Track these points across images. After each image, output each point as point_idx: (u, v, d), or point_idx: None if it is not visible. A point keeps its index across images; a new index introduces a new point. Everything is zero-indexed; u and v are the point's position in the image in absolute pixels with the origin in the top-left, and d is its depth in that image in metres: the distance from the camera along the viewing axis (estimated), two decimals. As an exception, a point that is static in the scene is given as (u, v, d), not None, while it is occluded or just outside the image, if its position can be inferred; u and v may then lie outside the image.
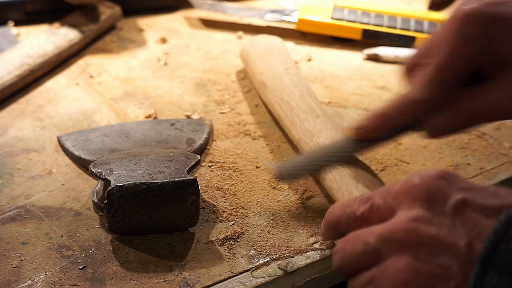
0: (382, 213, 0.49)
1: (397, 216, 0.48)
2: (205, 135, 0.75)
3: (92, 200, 0.65)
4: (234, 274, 0.59)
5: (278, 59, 0.82)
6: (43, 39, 0.87)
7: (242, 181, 0.70)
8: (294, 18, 0.98)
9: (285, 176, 0.64)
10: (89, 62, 0.90)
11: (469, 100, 0.56)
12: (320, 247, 0.62)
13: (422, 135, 0.59)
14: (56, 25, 0.91)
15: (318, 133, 0.68)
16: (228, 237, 0.63)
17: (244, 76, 0.88)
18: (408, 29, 0.95)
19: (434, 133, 0.58)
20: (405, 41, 0.94)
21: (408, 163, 0.74)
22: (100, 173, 0.63)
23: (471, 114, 0.56)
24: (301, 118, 0.71)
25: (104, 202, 0.60)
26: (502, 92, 0.55)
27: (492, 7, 0.54)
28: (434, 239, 0.45)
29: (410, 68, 0.59)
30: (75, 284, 0.58)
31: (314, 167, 0.63)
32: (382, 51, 0.93)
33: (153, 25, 1.00)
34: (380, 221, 0.49)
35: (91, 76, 0.87)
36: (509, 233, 0.43)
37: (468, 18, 0.54)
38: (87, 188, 0.68)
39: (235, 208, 0.66)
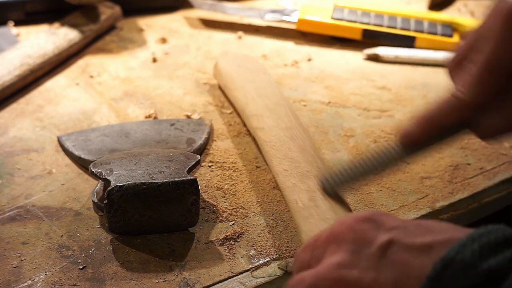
0: (312, 265, 0.48)
1: (322, 262, 0.46)
2: (205, 135, 0.75)
3: (92, 200, 0.65)
4: (234, 274, 0.59)
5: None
6: (43, 39, 0.87)
7: (242, 181, 0.70)
8: (294, 18, 0.98)
9: (332, 189, 0.60)
10: (89, 62, 0.90)
11: None
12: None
13: (476, 137, 0.55)
14: (56, 25, 0.91)
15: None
16: (228, 237, 0.63)
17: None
18: (408, 29, 0.95)
19: (487, 135, 0.54)
20: (405, 41, 0.94)
21: (408, 163, 0.74)
22: (100, 173, 0.63)
23: None
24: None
25: (104, 202, 0.60)
26: None
27: None
28: (357, 283, 0.43)
29: (454, 66, 0.55)
30: (75, 284, 0.58)
31: (361, 176, 0.59)
32: (382, 51, 0.93)
33: (153, 25, 1.00)
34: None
35: (91, 76, 0.87)
36: (444, 280, 0.39)
37: (510, 15, 0.50)
38: (87, 188, 0.68)
39: (235, 208, 0.66)
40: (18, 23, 0.96)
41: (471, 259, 0.39)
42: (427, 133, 0.55)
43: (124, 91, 0.84)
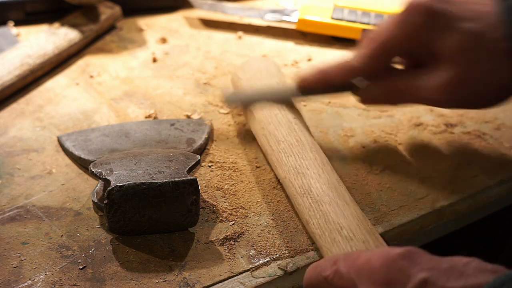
0: (344, 282, 0.50)
1: None
2: (205, 135, 0.75)
3: (92, 200, 0.65)
4: (234, 274, 0.59)
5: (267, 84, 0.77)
6: (43, 39, 0.87)
7: (242, 181, 0.70)
8: (294, 18, 0.98)
9: (230, 101, 0.74)
10: (89, 62, 0.90)
11: (400, 78, 0.65)
12: (320, 247, 0.62)
13: (357, 100, 0.69)
14: (56, 25, 0.91)
15: (304, 170, 0.64)
16: (228, 237, 0.63)
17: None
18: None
19: (366, 99, 0.68)
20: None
21: (408, 163, 0.74)
22: (100, 173, 0.63)
23: (398, 91, 0.65)
24: (288, 154, 0.67)
25: (104, 202, 0.60)
26: (427, 80, 0.63)
27: (440, 3, 0.61)
28: None
29: (363, 41, 0.66)
30: (75, 284, 0.58)
31: (257, 100, 0.72)
32: (382, 51, 0.93)
33: (153, 25, 1.00)
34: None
35: (91, 76, 0.87)
36: None
37: (414, 9, 0.61)
38: (87, 188, 0.68)
39: (235, 208, 0.66)
40: (18, 23, 0.96)
41: None
42: (318, 83, 0.68)
43: (124, 91, 0.84)
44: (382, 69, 0.66)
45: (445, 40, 0.61)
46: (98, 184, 0.67)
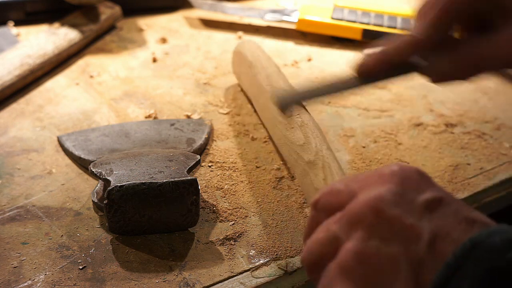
0: (343, 198, 0.46)
1: (360, 196, 0.45)
2: (205, 135, 0.75)
3: (92, 200, 0.65)
4: (234, 274, 0.59)
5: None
6: (43, 39, 0.87)
7: (242, 181, 0.70)
8: (294, 18, 0.98)
9: (287, 104, 0.64)
10: (89, 62, 0.90)
11: (471, 46, 0.56)
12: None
13: (426, 79, 0.59)
14: (56, 25, 0.91)
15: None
16: (228, 237, 0.63)
17: (244, 76, 0.88)
18: (408, 29, 0.95)
19: (436, 77, 0.59)
20: (405, 41, 0.94)
21: (408, 163, 0.74)
22: (100, 173, 0.63)
23: (471, 60, 0.57)
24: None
25: (104, 202, 0.60)
26: (500, 40, 0.55)
27: None
28: (395, 221, 0.42)
29: (419, 12, 0.59)
30: (75, 284, 0.58)
31: (315, 96, 0.64)
32: (382, 51, 0.93)
33: (153, 25, 1.00)
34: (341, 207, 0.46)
35: (91, 76, 0.87)
36: (463, 268, 0.40)
37: None
38: (87, 188, 0.68)
39: (235, 208, 0.66)
40: (18, 23, 0.96)
41: (500, 246, 0.40)
42: (381, 67, 0.59)
43: (124, 91, 0.84)
44: (449, 37, 0.58)
45: None
46: (98, 184, 0.67)
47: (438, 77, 0.59)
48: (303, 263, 0.47)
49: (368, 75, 0.60)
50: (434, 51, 0.57)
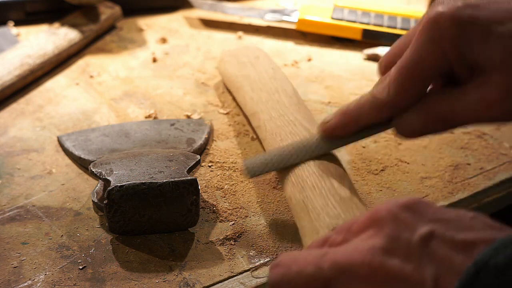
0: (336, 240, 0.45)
1: (356, 242, 0.43)
2: (205, 135, 0.75)
3: (92, 200, 0.65)
4: (234, 274, 0.59)
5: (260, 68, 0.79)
6: (43, 39, 0.87)
7: (242, 181, 0.70)
8: (294, 18, 0.98)
9: (253, 173, 0.61)
10: (89, 62, 0.90)
11: (438, 102, 0.53)
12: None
13: (397, 136, 0.57)
14: (56, 25, 0.91)
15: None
16: (228, 237, 0.63)
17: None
18: (408, 29, 0.95)
19: (404, 133, 0.56)
20: (405, 41, 0.94)
21: (408, 163, 0.74)
22: (100, 173, 0.63)
23: (439, 116, 0.53)
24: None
25: (104, 202, 0.60)
26: (470, 98, 0.52)
27: (466, 10, 0.51)
28: (397, 274, 0.41)
29: (383, 65, 0.57)
30: (75, 284, 0.58)
31: (283, 165, 0.61)
32: (382, 51, 0.93)
33: (153, 25, 1.00)
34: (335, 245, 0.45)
35: (91, 76, 0.87)
36: (476, 284, 0.39)
37: (438, 21, 0.51)
38: (87, 188, 0.68)
39: (235, 208, 0.66)
40: (18, 23, 0.96)
41: (504, 265, 0.38)
42: (345, 127, 0.57)
43: (124, 91, 0.84)
44: (415, 96, 0.54)
45: (485, 50, 0.51)
46: (98, 184, 0.67)
47: (408, 134, 0.55)
48: (272, 284, 0.45)
49: (334, 138, 0.58)
50: (403, 109, 0.54)
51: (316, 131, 0.60)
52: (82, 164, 0.71)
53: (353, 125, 0.57)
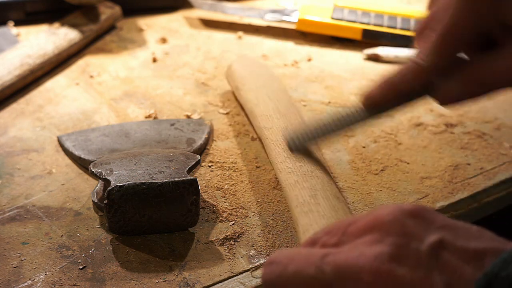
0: (338, 246, 0.44)
1: (359, 247, 0.42)
2: (205, 135, 0.75)
3: (92, 200, 0.65)
4: (234, 274, 0.59)
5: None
6: (43, 39, 0.87)
7: (242, 181, 0.70)
8: (294, 18, 0.98)
9: (297, 146, 0.63)
10: (89, 62, 0.90)
11: (479, 66, 0.54)
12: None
13: (436, 103, 0.57)
14: (56, 25, 0.91)
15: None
16: (228, 237, 0.63)
17: (244, 76, 0.88)
18: (408, 29, 0.95)
19: (445, 100, 0.56)
20: (405, 41, 0.94)
21: (408, 163, 0.74)
22: (100, 173, 0.63)
23: (481, 80, 0.54)
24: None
25: (104, 202, 0.60)
26: (508, 58, 0.52)
27: None
28: (406, 283, 0.39)
29: (419, 33, 0.57)
30: (75, 284, 0.58)
31: (325, 135, 0.62)
32: (382, 51, 0.93)
33: (153, 25, 1.00)
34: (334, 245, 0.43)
35: (91, 76, 0.87)
36: None
37: None
38: (87, 188, 0.68)
39: (235, 208, 0.66)
40: (18, 23, 0.96)
41: None
42: (388, 97, 0.57)
43: (124, 91, 0.84)
44: (452, 61, 0.55)
45: None
46: (98, 184, 0.67)
47: (447, 100, 0.56)
48: (266, 282, 0.44)
49: (375, 106, 0.58)
50: (442, 74, 0.55)
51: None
52: (82, 164, 0.71)
53: (394, 92, 0.57)
